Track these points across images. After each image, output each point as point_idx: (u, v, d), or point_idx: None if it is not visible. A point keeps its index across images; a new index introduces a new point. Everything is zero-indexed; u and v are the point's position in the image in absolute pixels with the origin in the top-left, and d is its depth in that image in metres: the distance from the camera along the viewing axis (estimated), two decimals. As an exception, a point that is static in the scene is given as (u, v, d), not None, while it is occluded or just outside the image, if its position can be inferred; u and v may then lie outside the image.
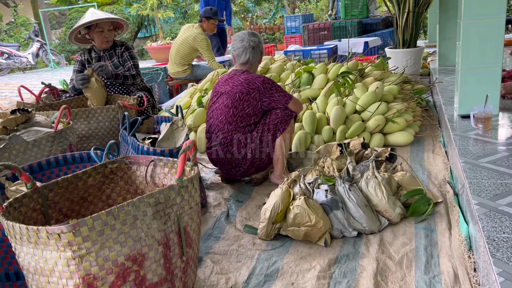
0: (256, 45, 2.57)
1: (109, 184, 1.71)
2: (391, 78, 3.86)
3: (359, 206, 2.00)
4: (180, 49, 5.61)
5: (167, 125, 2.42)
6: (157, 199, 1.32)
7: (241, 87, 2.49)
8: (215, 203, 2.49)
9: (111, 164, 1.69)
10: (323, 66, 4.01)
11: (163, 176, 1.67)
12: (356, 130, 3.11)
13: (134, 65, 3.62)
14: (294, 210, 1.98)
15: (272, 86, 2.50)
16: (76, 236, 1.13)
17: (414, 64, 5.04)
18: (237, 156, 2.56)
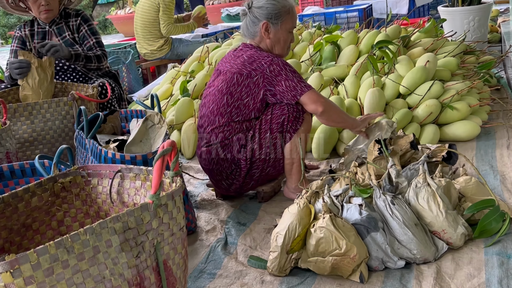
0: (247, 14, 2.54)
1: (61, 205, 1.72)
2: (447, 47, 3.85)
3: (406, 226, 1.99)
4: (145, 16, 5.64)
5: (139, 122, 2.43)
6: (126, 224, 1.32)
7: (242, 67, 2.49)
8: (209, 227, 2.50)
9: (63, 177, 1.70)
10: (352, 34, 4.01)
11: (134, 192, 1.68)
12: (400, 121, 3.10)
13: (97, 43, 3.64)
14: (317, 233, 1.98)
15: (282, 70, 2.45)
16: (15, 277, 1.13)
17: (479, 28, 5.02)
18: (228, 163, 2.56)
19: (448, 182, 2.18)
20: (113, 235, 1.29)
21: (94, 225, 1.25)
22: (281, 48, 2.59)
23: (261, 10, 2.53)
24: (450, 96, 3.20)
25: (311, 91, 2.46)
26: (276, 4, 2.53)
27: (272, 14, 2.52)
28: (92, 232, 1.25)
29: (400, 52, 3.70)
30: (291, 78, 2.45)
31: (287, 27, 2.56)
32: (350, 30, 4.11)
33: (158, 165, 1.38)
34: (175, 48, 5.84)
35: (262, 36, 2.56)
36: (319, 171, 3.00)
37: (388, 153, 2.39)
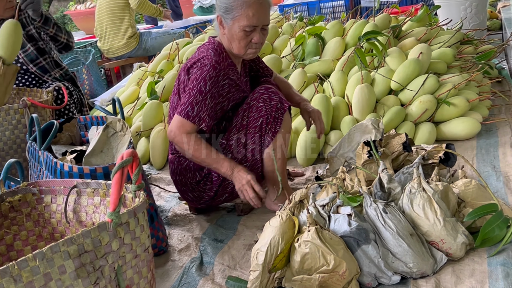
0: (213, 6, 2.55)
1: (10, 228, 1.69)
2: (442, 37, 3.89)
3: (400, 237, 1.99)
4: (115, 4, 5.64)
5: (99, 129, 2.40)
6: (82, 246, 1.30)
7: (187, 63, 2.51)
8: (182, 245, 2.48)
9: (11, 196, 1.67)
10: (338, 25, 4.03)
11: (92, 210, 1.66)
12: (393, 120, 3.12)
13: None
14: (302, 248, 1.97)
15: (195, 80, 2.38)
16: (-46, 312, 1.11)
17: (477, 14, 5.08)
18: (192, 173, 2.54)
19: (445, 186, 2.19)
20: (67, 259, 1.27)
21: (45, 249, 1.23)
22: (237, 47, 2.44)
23: (218, 1, 2.46)
24: (446, 90, 3.22)
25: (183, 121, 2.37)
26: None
27: (223, 8, 2.41)
28: (43, 257, 1.23)
29: (391, 44, 3.73)
30: (192, 94, 2.37)
31: (241, 24, 2.38)
32: (335, 21, 4.13)
33: (117, 178, 1.36)
34: (143, 41, 5.83)
35: (220, 30, 2.49)
36: (305, 178, 2.99)
37: (379, 155, 2.40)
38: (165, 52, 4.61)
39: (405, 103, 3.28)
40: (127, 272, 1.41)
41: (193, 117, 2.37)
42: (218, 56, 2.44)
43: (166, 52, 4.57)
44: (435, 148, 2.53)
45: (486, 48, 4.07)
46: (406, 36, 3.90)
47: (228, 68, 2.47)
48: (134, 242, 1.43)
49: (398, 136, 2.63)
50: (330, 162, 2.74)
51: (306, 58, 3.86)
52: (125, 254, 1.40)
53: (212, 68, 2.39)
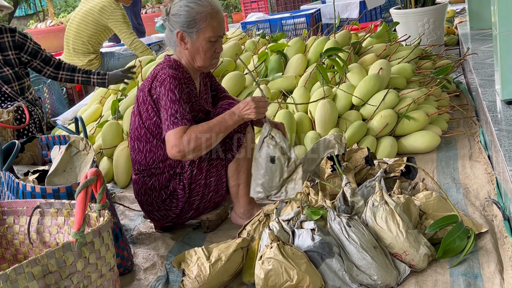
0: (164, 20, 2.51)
1: (-29, 250, 1.66)
2: (401, 53, 3.97)
3: (364, 250, 2.02)
4: (81, 29, 5.58)
5: (62, 149, 2.38)
6: (46, 267, 1.29)
7: (146, 84, 2.48)
8: (147, 264, 2.46)
9: (-28, 217, 1.65)
10: (299, 42, 4.08)
11: (56, 230, 1.64)
12: (355, 134, 3.16)
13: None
14: (265, 265, 1.98)
15: (164, 95, 2.37)
16: None
17: (434, 30, 5.21)
18: (158, 192, 2.55)
19: (407, 199, 2.23)
20: (31, 281, 1.26)
21: (8, 271, 1.22)
22: (203, 59, 2.50)
23: (176, 17, 2.46)
24: (406, 105, 3.29)
25: (175, 130, 2.34)
26: (190, 11, 2.43)
27: (185, 22, 2.44)
28: (6, 279, 1.22)
29: (351, 60, 3.79)
30: (167, 108, 2.37)
31: (206, 36, 2.45)
32: (297, 38, 4.18)
33: (81, 197, 1.36)
34: (106, 62, 5.79)
35: (180, 46, 2.50)
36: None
37: (342, 170, 2.43)
38: (128, 70, 4.58)
39: (366, 118, 3.33)
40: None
41: (180, 121, 2.35)
42: (175, 70, 2.46)
43: (129, 70, 4.54)
44: (396, 161, 2.58)
45: (444, 63, 4.17)
46: (366, 52, 3.98)
47: (187, 80, 2.50)
48: (99, 262, 1.43)
49: (360, 150, 2.68)
50: None
51: (269, 74, 3.89)
52: (90, 274, 1.40)
53: (172, 78, 2.40)
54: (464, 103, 3.93)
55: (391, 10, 5.48)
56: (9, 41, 3.63)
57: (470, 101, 3.94)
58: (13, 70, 3.64)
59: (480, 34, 5.07)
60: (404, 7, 5.29)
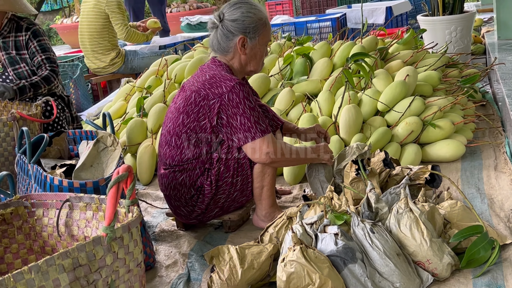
0: (218, 28, 2.52)
1: (1, 240, 1.69)
2: (427, 60, 3.95)
3: (387, 257, 2.02)
4: (92, 26, 5.64)
5: (90, 144, 2.41)
6: (76, 260, 1.31)
7: (201, 86, 2.50)
8: (169, 261, 2.48)
9: (3, 208, 1.68)
10: (325, 46, 4.08)
11: (84, 224, 1.66)
12: (379, 140, 3.16)
13: (47, 60, 3.62)
14: (287, 268, 1.98)
15: (240, 104, 2.43)
16: None
17: (462, 39, 5.17)
18: (187, 188, 2.56)
19: (432, 207, 2.22)
20: (62, 273, 1.28)
21: (40, 262, 1.24)
22: (257, 63, 2.60)
23: (237, 23, 2.50)
24: (432, 113, 3.27)
25: (266, 138, 2.44)
26: (253, 17, 2.51)
27: (250, 28, 2.51)
28: (38, 270, 1.23)
29: (378, 66, 3.78)
30: (248, 116, 2.43)
31: (264, 40, 2.57)
32: (323, 41, 4.19)
33: (113, 193, 1.37)
34: (129, 61, 5.84)
35: (236, 52, 2.54)
36: (292, 197, 3.02)
37: (366, 174, 2.43)
38: (153, 68, 4.63)
39: (391, 124, 3.33)
40: (119, 287, 1.42)
41: (266, 128, 2.46)
42: (232, 75, 2.53)
43: (155, 68, 4.59)
44: (420, 169, 2.57)
45: (470, 72, 4.15)
46: (393, 58, 3.96)
47: None
48: (128, 257, 1.44)
49: (378, 155, 2.68)
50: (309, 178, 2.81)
51: (294, 77, 3.90)
52: (119, 269, 1.41)
53: (241, 85, 2.46)
54: (490, 113, 3.90)
55: (418, 17, 5.46)
56: (24, 39, 3.64)
57: (496, 111, 3.91)
58: (29, 67, 3.66)
59: (508, 44, 5.03)
60: (431, 14, 5.26)
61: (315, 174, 2.77)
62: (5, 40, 3.58)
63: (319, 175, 2.76)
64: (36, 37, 3.63)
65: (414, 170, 2.59)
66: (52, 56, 3.67)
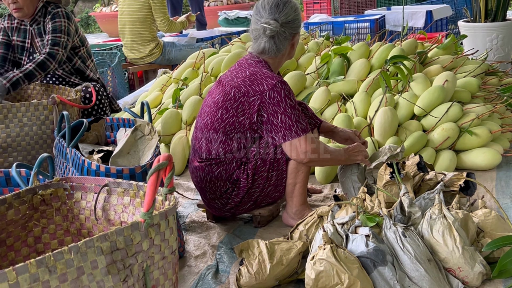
0: (277, 33, 2.50)
1: (39, 220, 1.73)
2: (467, 66, 3.90)
3: (418, 261, 2.01)
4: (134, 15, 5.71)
5: (128, 132, 2.44)
6: (114, 244, 1.33)
7: (241, 82, 2.51)
8: (198, 252, 2.50)
9: (43, 189, 1.71)
10: (364, 47, 4.06)
11: (121, 209, 1.69)
12: (414, 145, 3.13)
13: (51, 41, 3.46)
14: (317, 266, 1.99)
15: (282, 102, 2.44)
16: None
17: (503, 46, 5.09)
18: (223, 181, 2.58)
19: (465, 215, 2.20)
20: (100, 255, 1.31)
21: (80, 243, 1.27)
22: (289, 56, 2.67)
23: (293, 24, 2.53)
24: (469, 120, 3.24)
25: (306, 137, 2.46)
26: (298, 11, 2.57)
27: (299, 27, 2.58)
28: (77, 251, 1.26)
29: (416, 69, 3.75)
30: (289, 114, 2.44)
31: (299, 37, 2.65)
32: (362, 42, 4.17)
33: (153, 180, 1.39)
34: (167, 52, 5.89)
35: (287, 50, 2.59)
36: (322, 196, 3.02)
37: (401, 178, 2.42)
38: (190, 60, 4.66)
39: (427, 129, 3.30)
40: (154, 273, 1.45)
41: (306, 127, 2.47)
42: (273, 72, 2.54)
43: (192, 60, 4.61)
44: (455, 176, 2.55)
45: (510, 80, 4.08)
46: (432, 63, 3.93)
47: None
48: (163, 244, 1.46)
49: (412, 158, 2.67)
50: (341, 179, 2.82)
51: (330, 76, 3.89)
52: (154, 255, 1.44)
53: (283, 83, 2.47)
54: (528, 123, 3.84)
55: (459, 22, 5.39)
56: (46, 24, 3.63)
57: (535, 122, 3.85)
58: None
59: (550, 54, 4.94)
60: (473, 21, 5.19)
61: (348, 174, 2.77)
62: (39, 26, 3.62)
63: (351, 176, 2.76)
64: (53, 19, 3.54)
65: (448, 177, 2.57)
66: (59, 38, 3.48)
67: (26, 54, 3.61)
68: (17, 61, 3.65)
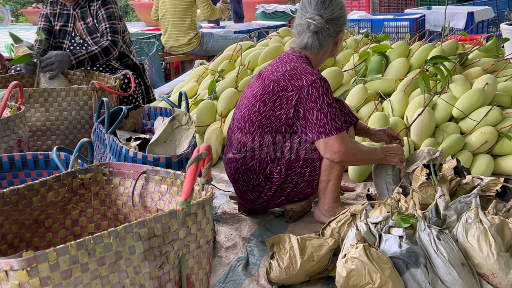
0: (321, 29, 2.49)
1: (78, 204, 1.75)
2: (509, 70, 3.84)
3: (452, 265, 1.98)
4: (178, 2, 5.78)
5: (165, 121, 2.46)
6: (152, 230, 1.35)
7: (281, 77, 2.51)
8: (229, 243, 2.52)
9: (83, 173, 1.74)
10: (403, 45, 4.02)
11: (158, 197, 1.71)
12: (451, 147, 3.10)
13: (110, 29, 3.63)
14: (348, 264, 1.98)
15: (319, 99, 2.44)
16: (31, 276, 1.17)
17: (546, 51, 4.99)
18: (256, 174, 2.59)
19: (502, 221, 2.17)
20: (138, 241, 1.32)
21: (119, 228, 1.28)
22: (331, 53, 2.66)
23: (338, 20, 2.53)
24: (508, 124, 3.19)
25: (340, 136, 2.45)
26: (344, 9, 2.56)
27: (344, 23, 2.58)
28: (116, 236, 1.28)
29: (456, 71, 3.70)
30: (325, 112, 2.44)
31: (343, 34, 2.63)
32: (401, 41, 4.13)
33: (192, 169, 1.41)
34: (205, 43, 5.93)
35: (329, 47, 2.58)
36: (355, 194, 3.00)
37: (437, 180, 2.39)
38: (227, 52, 4.67)
39: (465, 132, 3.25)
40: (188, 261, 1.46)
41: (341, 126, 2.47)
42: (313, 68, 2.54)
43: (229, 53, 4.63)
44: (492, 180, 2.51)
45: (552, 86, 4.00)
46: (472, 65, 3.87)
47: None
48: (199, 233, 1.47)
49: (449, 161, 2.64)
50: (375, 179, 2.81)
51: (368, 74, 3.86)
52: (190, 244, 1.45)
53: (323, 80, 2.47)
54: None
55: (502, 25, 5.30)
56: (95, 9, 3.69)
57: None
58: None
59: None
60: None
61: (382, 175, 2.76)
62: (83, 10, 3.68)
63: (386, 177, 2.74)
64: (105, 5, 3.68)
65: (485, 181, 2.54)
66: (116, 25, 3.66)
67: (68, 38, 3.68)
68: (59, 45, 3.72)
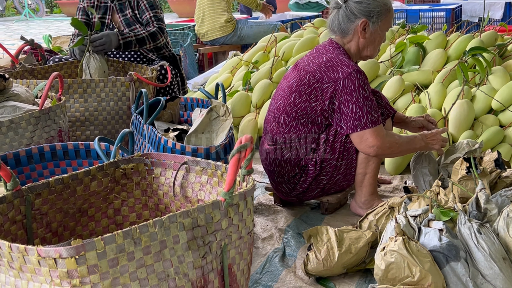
0: (341, 9, 2.50)
1: (120, 193, 1.78)
2: (550, 62, 3.76)
3: (493, 259, 1.96)
4: None
5: (203, 112, 2.48)
6: (195, 220, 1.36)
7: (317, 68, 2.50)
8: (265, 234, 2.53)
9: (125, 163, 1.77)
10: (441, 36, 3.97)
11: (198, 188, 1.72)
12: (490, 140, 3.05)
13: (155, 17, 3.72)
14: (387, 257, 1.97)
15: (354, 92, 2.41)
16: (79, 264, 1.19)
17: None
18: (292, 166, 2.59)
19: (544, 215, 2.13)
20: (181, 231, 1.34)
21: (164, 218, 1.30)
22: (374, 49, 2.59)
23: (361, 6, 2.49)
24: (550, 118, 3.13)
25: (375, 129, 2.43)
26: (379, 1, 2.49)
27: (374, 12, 2.49)
28: (161, 225, 1.30)
29: (495, 62, 3.64)
30: (360, 104, 2.41)
31: (386, 27, 2.57)
32: (439, 32, 4.07)
33: (234, 160, 1.41)
34: (239, 29, 5.94)
35: (355, 34, 2.53)
36: (392, 187, 2.99)
37: (478, 173, 2.36)
38: (262, 43, 4.67)
39: (504, 125, 3.20)
40: (230, 251, 1.47)
41: (377, 120, 2.45)
42: (351, 61, 2.52)
43: (263, 44, 4.63)
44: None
45: None
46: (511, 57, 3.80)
47: None
48: (241, 224, 1.49)
49: (490, 154, 2.60)
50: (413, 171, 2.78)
51: (405, 66, 3.82)
52: (232, 234, 1.46)
53: (359, 72, 2.44)
54: None
55: (542, 15, 5.19)
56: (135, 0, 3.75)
57: None
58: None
59: None
60: (557, 14, 4.98)
61: (418, 167, 2.73)
62: (121, 1, 3.73)
63: (422, 169, 2.72)
64: None
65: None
66: (159, 14, 3.76)
67: (105, 30, 3.72)
68: None
